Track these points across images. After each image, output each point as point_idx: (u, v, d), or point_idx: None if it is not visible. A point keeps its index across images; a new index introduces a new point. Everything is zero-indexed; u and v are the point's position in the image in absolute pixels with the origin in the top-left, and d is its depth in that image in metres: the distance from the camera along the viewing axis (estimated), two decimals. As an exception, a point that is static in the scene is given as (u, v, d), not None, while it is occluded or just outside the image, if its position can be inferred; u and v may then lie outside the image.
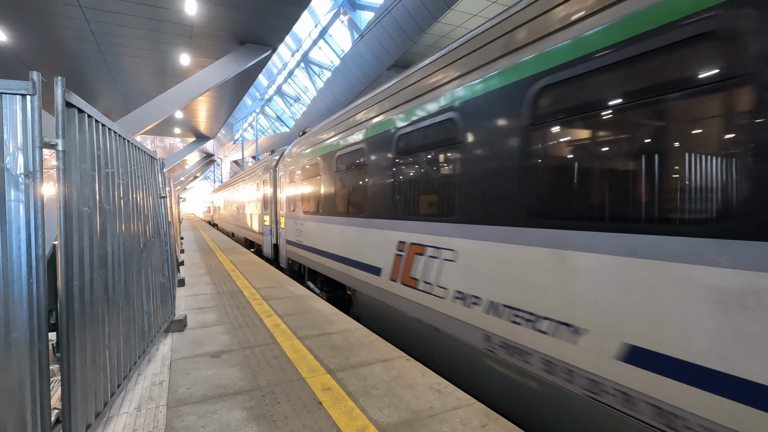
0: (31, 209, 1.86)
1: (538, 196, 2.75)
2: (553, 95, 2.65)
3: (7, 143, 1.82)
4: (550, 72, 2.65)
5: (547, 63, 2.68)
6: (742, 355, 1.73)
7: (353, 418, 2.73)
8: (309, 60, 33.59)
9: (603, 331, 2.30)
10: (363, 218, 5.33)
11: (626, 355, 2.18)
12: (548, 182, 2.69)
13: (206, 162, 49.49)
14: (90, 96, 23.46)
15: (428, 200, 4.04)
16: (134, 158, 3.39)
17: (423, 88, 4.17)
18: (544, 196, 2.72)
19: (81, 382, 2.22)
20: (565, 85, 2.56)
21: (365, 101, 5.81)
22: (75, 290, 2.15)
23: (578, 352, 2.43)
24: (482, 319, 3.20)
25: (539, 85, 2.73)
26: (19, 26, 14.74)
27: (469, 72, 3.46)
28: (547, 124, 2.69)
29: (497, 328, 3.05)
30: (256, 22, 14.95)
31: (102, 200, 2.57)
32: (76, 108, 2.19)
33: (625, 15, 2.23)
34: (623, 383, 2.19)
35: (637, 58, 2.16)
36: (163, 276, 4.44)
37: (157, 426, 2.67)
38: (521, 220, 2.86)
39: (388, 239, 4.67)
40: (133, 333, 3.24)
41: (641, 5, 2.16)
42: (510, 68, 2.99)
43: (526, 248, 2.82)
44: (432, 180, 4.00)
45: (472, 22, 15.66)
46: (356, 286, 5.60)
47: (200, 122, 31.62)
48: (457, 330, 3.52)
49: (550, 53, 2.66)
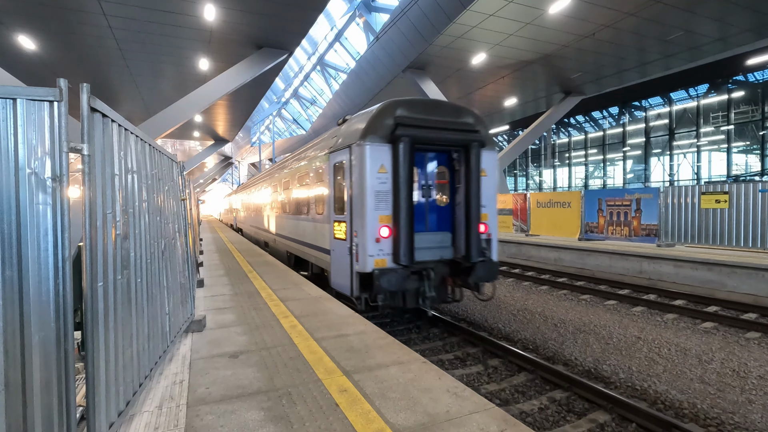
0: (57, 212, 1.91)
1: (297, 205, 9.64)
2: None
3: (36, 148, 1.87)
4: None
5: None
6: (312, 236, 8.54)
7: (369, 421, 2.72)
8: (325, 63, 33.83)
9: (301, 238, 9.31)
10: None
11: (303, 241, 9.27)
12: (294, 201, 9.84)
13: (224, 165, 50.31)
14: (113, 101, 24.14)
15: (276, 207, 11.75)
16: (156, 162, 3.46)
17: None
18: (299, 206, 9.52)
19: (105, 381, 2.28)
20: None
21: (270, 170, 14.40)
22: (99, 291, 2.20)
23: (297, 243, 9.75)
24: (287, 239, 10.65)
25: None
26: (46, 35, 15.27)
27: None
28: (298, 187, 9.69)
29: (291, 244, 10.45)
30: (272, 27, 15.14)
31: (125, 203, 2.63)
32: (100, 113, 2.25)
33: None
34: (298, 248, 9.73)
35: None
36: (183, 277, 4.53)
37: (178, 425, 2.71)
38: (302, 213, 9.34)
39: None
40: (154, 333, 3.31)
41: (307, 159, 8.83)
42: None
43: (304, 221, 9.29)
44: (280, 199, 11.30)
45: (489, 22, 15.51)
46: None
47: (219, 126, 32.16)
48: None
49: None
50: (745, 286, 8.51)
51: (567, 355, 5.96)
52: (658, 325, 7.18)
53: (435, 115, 6.49)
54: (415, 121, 6.25)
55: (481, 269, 6.53)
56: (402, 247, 6.05)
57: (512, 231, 16.69)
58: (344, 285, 6.69)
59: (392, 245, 6.20)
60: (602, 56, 19.19)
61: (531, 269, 12.63)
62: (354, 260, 6.35)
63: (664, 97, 28.86)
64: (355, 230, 6.36)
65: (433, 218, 6.80)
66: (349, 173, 6.53)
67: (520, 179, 43.08)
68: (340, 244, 6.89)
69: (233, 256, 11.81)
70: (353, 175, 6.38)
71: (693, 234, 10.60)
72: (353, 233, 6.40)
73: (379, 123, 6.20)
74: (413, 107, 6.42)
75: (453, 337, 6.83)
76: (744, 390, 4.77)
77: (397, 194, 6.10)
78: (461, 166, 6.59)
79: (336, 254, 7.08)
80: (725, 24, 16.00)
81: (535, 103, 28.17)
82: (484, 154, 6.68)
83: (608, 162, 33.47)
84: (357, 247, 6.29)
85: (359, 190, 6.22)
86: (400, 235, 6.06)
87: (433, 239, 6.68)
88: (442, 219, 6.83)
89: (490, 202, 6.87)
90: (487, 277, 6.64)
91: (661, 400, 4.60)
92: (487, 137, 6.80)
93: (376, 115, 6.24)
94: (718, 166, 26.52)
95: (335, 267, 7.12)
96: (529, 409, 4.43)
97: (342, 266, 6.80)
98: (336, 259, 7.09)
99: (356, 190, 6.30)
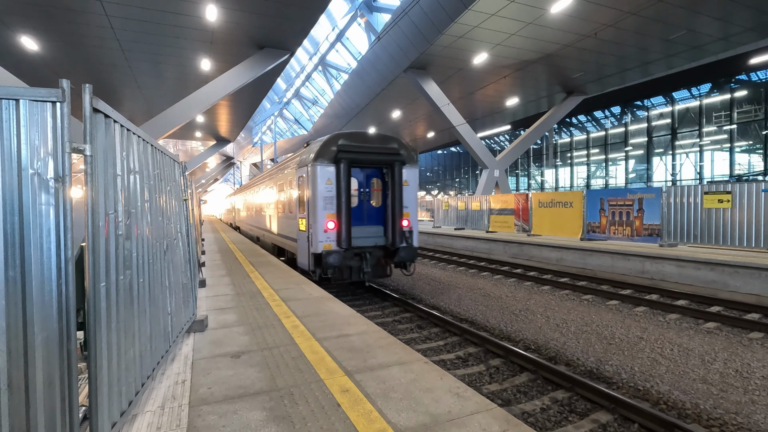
0: (60, 212, 1.91)
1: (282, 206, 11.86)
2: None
3: (38, 149, 1.88)
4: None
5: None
6: (286, 229, 11.04)
7: (371, 421, 2.72)
8: (326, 63, 33.85)
9: (280, 231, 12.05)
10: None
11: (281, 234, 11.77)
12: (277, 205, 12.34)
13: (226, 165, 50.39)
14: (115, 101, 24.19)
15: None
16: (158, 162, 3.47)
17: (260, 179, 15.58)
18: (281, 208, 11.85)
19: (107, 381, 2.28)
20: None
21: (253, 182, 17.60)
22: (102, 291, 2.20)
23: (278, 236, 12.33)
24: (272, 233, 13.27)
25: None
26: (49, 36, 15.32)
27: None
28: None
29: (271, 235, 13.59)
30: (274, 27, 15.15)
31: (127, 203, 2.63)
32: (102, 114, 2.25)
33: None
34: (278, 239, 12.44)
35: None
36: (185, 277, 4.54)
37: (180, 425, 2.72)
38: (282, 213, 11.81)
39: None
40: (156, 333, 3.32)
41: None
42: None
43: (281, 219, 11.93)
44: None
45: (490, 22, 15.49)
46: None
47: (220, 126, 32.21)
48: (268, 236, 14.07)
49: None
50: (748, 287, 8.48)
51: (569, 355, 5.95)
52: (660, 325, 7.16)
53: (367, 143, 8.86)
54: (352, 148, 8.63)
55: (404, 252, 9.02)
56: (342, 235, 8.47)
57: (514, 231, 16.66)
58: (304, 263, 9.14)
59: (336, 234, 8.58)
60: (604, 56, 19.15)
61: (533, 269, 12.62)
62: (310, 245, 8.77)
63: (667, 96, 28.78)
64: (310, 224, 8.73)
65: (370, 215, 9.26)
66: (307, 184, 8.85)
67: (522, 179, 43.03)
68: (302, 234, 9.30)
69: (235, 256, 11.83)
70: (310, 185, 8.68)
71: (695, 234, 10.57)
72: (310, 226, 8.76)
73: (326, 150, 8.55)
74: (351, 137, 8.79)
75: (454, 337, 6.83)
76: (747, 390, 4.75)
77: (339, 199, 8.50)
78: (389, 178, 8.97)
79: (300, 241, 9.55)
80: (728, 23, 15.94)
81: (536, 103, 28.13)
82: (406, 169, 9.09)
83: (610, 162, 33.40)
84: (312, 236, 8.69)
85: (313, 196, 8.57)
86: (341, 227, 8.49)
87: (369, 230, 9.11)
88: (377, 216, 9.30)
89: (411, 204, 9.31)
90: (409, 258, 9.13)
91: (664, 401, 4.59)
92: (408, 157, 9.16)
93: (324, 144, 8.60)
94: (721, 165, 26.43)
95: (299, 250, 9.61)
96: (531, 410, 4.43)
97: (303, 249, 9.24)
98: (300, 245, 9.57)
99: (312, 196, 8.64)
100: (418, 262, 14.37)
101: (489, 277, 11.86)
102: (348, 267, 8.82)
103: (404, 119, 31.68)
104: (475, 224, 19.10)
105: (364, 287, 10.40)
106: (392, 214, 8.86)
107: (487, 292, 9.86)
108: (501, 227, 17.41)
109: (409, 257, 9.06)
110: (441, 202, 22.44)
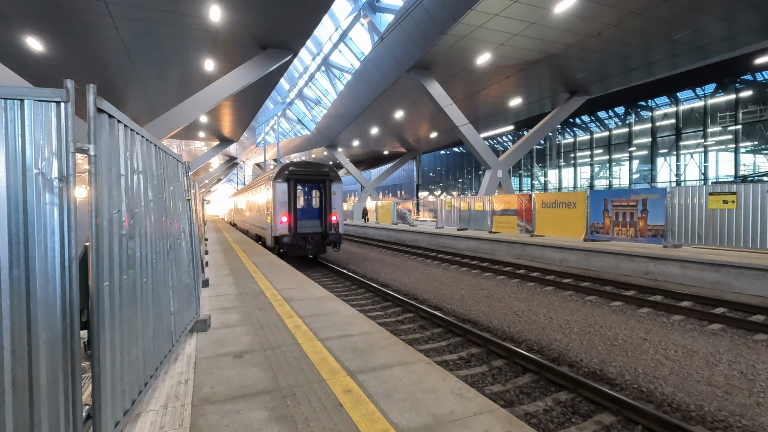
0: (64, 212, 1.92)
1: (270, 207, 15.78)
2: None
3: (43, 149, 1.89)
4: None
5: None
6: (260, 222, 16.17)
7: (374, 421, 2.72)
8: (330, 63, 33.89)
9: (258, 224, 17.13)
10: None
11: (258, 225, 16.78)
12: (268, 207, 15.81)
13: (229, 165, 50.53)
14: (119, 102, 24.31)
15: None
16: (161, 162, 3.48)
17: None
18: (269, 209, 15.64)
19: (110, 380, 2.29)
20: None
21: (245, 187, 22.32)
22: (105, 290, 2.21)
23: (257, 227, 17.37)
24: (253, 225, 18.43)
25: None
26: (54, 37, 15.41)
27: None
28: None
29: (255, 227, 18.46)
30: (277, 27, 15.18)
31: (131, 203, 2.64)
32: (106, 114, 2.26)
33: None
34: (257, 229, 17.36)
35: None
36: (188, 276, 4.55)
37: (183, 424, 2.72)
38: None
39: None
40: (159, 332, 3.32)
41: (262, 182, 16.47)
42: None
43: (260, 215, 16.54)
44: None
45: (494, 22, 15.46)
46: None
47: (224, 126, 32.31)
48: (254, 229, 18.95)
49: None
50: (753, 288, 8.42)
51: (572, 356, 5.93)
52: (664, 326, 7.12)
53: (309, 168, 14.08)
54: (298, 171, 13.73)
55: (332, 236, 13.90)
56: (292, 225, 13.37)
57: (517, 231, 16.62)
58: (269, 243, 13.87)
59: (288, 225, 13.37)
60: (608, 56, 19.07)
61: (536, 270, 12.58)
62: (272, 232, 13.50)
63: (671, 96, 28.64)
64: (272, 219, 13.49)
65: (311, 213, 14.19)
66: (270, 193, 13.66)
67: (525, 179, 42.92)
68: (268, 225, 13.99)
69: (238, 256, 11.86)
70: (273, 194, 13.43)
71: (700, 235, 10.51)
72: (272, 220, 13.53)
73: (282, 173, 13.52)
74: (298, 165, 14.00)
75: (457, 338, 6.82)
76: (752, 392, 4.71)
77: (289, 203, 13.42)
78: (324, 190, 14.04)
79: (267, 230, 14.21)
80: (733, 23, 15.85)
81: (540, 103, 28.05)
82: (333, 185, 14.12)
83: (614, 162, 33.26)
84: (273, 226, 13.46)
85: (273, 201, 13.37)
86: (291, 220, 13.38)
87: (310, 223, 13.98)
88: (316, 214, 14.26)
89: (338, 206, 14.16)
90: (335, 240, 14.00)
91: (668, 402, 4.56)
92: (335, 177, 14.22)
93: (281, 169, 13.65)
94: (726, 166, 26.27)
95: (267, 236, 14.21)
96: (534, 411, 4.41)
97: (268, 235, 13.93)
98: (267, 232, 14.20)
99: (274, 201, 13.38)
100: (428, 264, 14.96)
101: (492, 278, 11.83)
102: (297, 246, 13.44)
103: (407, 119, 31.67)
104: (478, 225, 19.07)
105: (364, 286, 10.80)
106: (325, 213, 14.00)
107: (490, 292, 9.84)
108: (504, 228, 17.37)
109: (335, 240, 13.98)
110: (444, 203, 22.42)
